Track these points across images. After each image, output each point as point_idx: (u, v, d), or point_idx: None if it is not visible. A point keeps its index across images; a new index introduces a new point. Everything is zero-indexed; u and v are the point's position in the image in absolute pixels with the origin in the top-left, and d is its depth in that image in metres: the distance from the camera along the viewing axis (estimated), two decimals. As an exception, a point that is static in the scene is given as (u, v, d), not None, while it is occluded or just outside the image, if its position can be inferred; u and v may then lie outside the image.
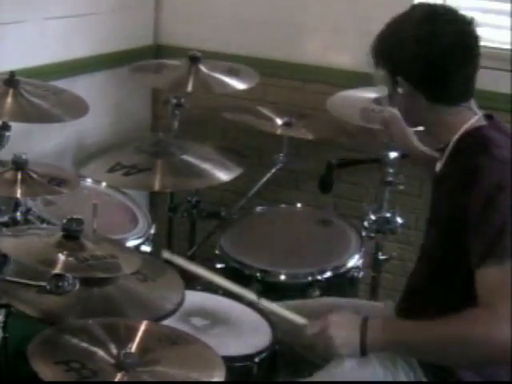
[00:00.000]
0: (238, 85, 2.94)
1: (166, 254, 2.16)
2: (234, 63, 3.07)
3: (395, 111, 2.21)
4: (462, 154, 1.90)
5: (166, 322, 1.95)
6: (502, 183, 1.77)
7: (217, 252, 2.73)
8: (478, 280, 1.77)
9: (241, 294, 2.16)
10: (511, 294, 1.70)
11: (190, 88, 2.86)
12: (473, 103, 1.96)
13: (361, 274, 2.71)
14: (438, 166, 2.01)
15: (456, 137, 1.92)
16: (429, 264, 2.01)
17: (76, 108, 2.48)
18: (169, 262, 2.15)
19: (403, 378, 1.98)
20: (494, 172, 1.79)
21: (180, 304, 2.03)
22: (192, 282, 2.22)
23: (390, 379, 1.98)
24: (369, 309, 2.27)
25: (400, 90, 1.94)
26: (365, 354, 1.89)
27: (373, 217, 2.86)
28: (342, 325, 1.92)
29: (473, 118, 1.94)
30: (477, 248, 1.78)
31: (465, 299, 1.81)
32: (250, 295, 2.14)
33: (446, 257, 1.91)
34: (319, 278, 2.59)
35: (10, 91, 2.34)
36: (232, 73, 2.98)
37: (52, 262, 1.78)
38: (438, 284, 1.95)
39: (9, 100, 2.32)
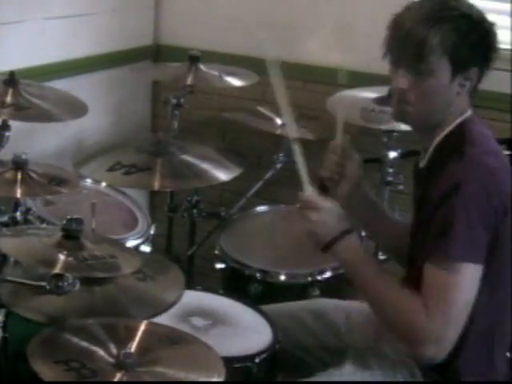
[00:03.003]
0: (237, 82, 2.94)
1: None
2: (233, 65, 3.06)
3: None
4: (443, 155, 1.88)
5: (166, 322, 1.95)
6: (459, 184, 1.77)
7: (216, 252, 2.73)
8: (424, 271, 1.81)
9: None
10: (445, 297, 1.77)
11: (187, 91, 2.86)
12: None
13: (361, 274, 2.71)
14: (421, 163, 1.98)
15: (442, 135, 1.91)
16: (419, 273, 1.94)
17: (75, 108, 2.48)
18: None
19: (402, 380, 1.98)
20: (455, 172, 1.79)
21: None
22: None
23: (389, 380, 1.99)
24: (360, 311, 2.26)
25: (467, 83, 1.87)
26: (324, 251, 1.93)
27: (373, 217, 2.85)
28: (326, 221, 1.92)
29: (468, 108, 1.93)
30: (427, 242, 1.82)
31: None
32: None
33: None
34: (319, 278, 2.59)
35: (10, 91, 2.34)
36: (231, 73, 2.98)
37: (52, 262, 1.78)
38: None
39: (8, 100, 2.32)
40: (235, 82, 2.95)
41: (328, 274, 2.61)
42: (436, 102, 1.90)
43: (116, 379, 1.65)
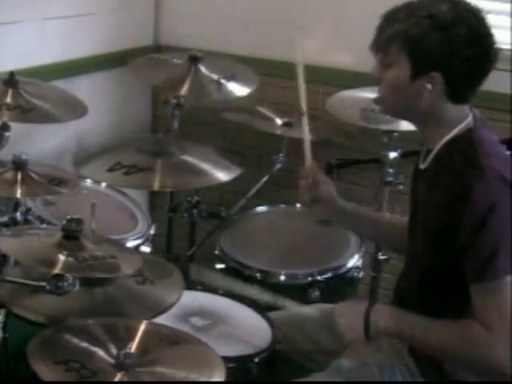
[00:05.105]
0: (238, 90, 2.93)
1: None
2: (235, 67, 3.05)
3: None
4: (452, 161, 1.87)
5: (166, 322, 1.95)
6: (493, 204, 1.78)
7: (217, 252, 2.73)
8: (473, 295, 1.82)
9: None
10: (506, 312, 1.77)
11: (187, 92, 2.85)
12: None
13: (361, 275, 2.71)
14: (422, 164, 1.98)
15: (446, 138, 1.90)
16: (419, 269, 1.99)
17: (75, 109, 2.48)
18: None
19: (401, 379, 1.98)
20: (485, 193, 1.79)
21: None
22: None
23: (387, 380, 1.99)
24: None
25: (429, 86, 1.85)
26: (369, 337, 1.93)
27: (373, 217, 2.85)
28: (345, 312, 1.97)
29: (468, 115, 1.92)
30: (470, 266, 1.81)
31: (454, 306, 1.86)
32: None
33: (435, 264, 1.91)
34: (319, 278, 2.59)
35: (10, 91, 2.34)
36: (232, 78, 2.96)
37: (52, 262, 1.78)
38: (428, 290, 1.96)
39: (8, 100, 2.32)
40: (234, 86, 2.93)
41: (328, 275, 2.61)
42: (399, 96, 1.91)
43: (116, 379, 1.65)
